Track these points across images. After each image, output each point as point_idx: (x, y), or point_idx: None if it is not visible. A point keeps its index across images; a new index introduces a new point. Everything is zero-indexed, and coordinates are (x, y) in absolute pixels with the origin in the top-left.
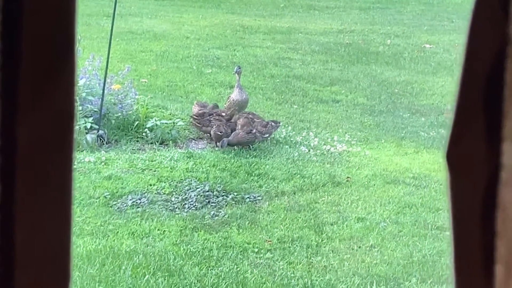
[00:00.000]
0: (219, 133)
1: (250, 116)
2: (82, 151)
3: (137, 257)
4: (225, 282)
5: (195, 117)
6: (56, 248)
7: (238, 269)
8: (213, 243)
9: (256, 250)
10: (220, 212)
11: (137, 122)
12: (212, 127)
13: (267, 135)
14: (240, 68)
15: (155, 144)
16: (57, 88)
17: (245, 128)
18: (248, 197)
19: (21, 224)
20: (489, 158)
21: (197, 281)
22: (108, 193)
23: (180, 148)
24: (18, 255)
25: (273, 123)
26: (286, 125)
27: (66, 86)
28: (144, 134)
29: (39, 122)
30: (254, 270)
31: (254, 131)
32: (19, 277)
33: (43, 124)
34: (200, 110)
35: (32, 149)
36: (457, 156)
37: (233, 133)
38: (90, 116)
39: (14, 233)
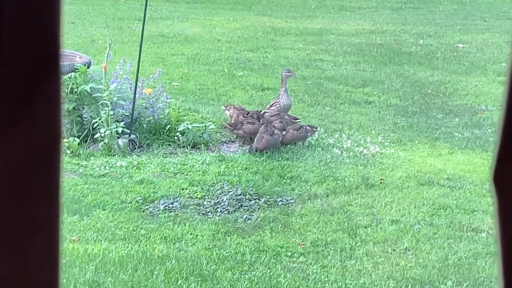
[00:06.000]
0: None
1: (286, 117)
2: (113, 156)
3: (170, 262)
4: (258, 287)
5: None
6: None
7: (271, 273)
8: (246, 247)
9: (289, 254)
10: (253, 215)
11: (168, 126)
12: (244, 129)
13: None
14: (289, 71)
15: (187, 147)
16: (39, 108)
17: (268, 130)
18: (280, 200)
19: None
20: None
21: (230, 286)
22: (140, 198)
23: (212, 152)
24: None
25: (308, 127)
26: (319, 127)
27: (50, 104)
28: (176, 137)
29: (18, 147)
30: (288, 274)
31: (276, 131)
32: None
33: (23, 149)
34: (238, 113)
35: (10, 178)
36: (505, 177)
37: (256, 138)
38: (122, 121)
39: None
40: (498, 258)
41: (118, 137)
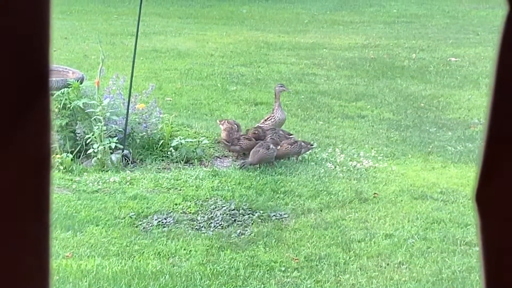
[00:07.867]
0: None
1: (280, 132)
2: (107, 171)
3: (163, 277)
4: None
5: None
6: None
7: None
8: (239, 262)
9: (283, 268)
10: (247, 230)
11: (162, 141)
12: (241, 144)
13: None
14: (282, 86)
15: (180, 163)
16: (29, 128)
17: (264, 145)
18: (274, 215)
19: None
20: None
21: None
22: (133, 213)
23: (205, 167)
24: None
25: (303, 143)
26: (312, 142)
27: (39, 125)
28: (169, 153)
29: (7, 167)
30: None
31: (271, 146)
32: None
33: (13, 169)
34: (232, 129)
35: (0, 197)
36: (487, 197)
37: (251, 152)
38: (115, 136)
39: None
40: (482, 275)
41: (111, 153)
